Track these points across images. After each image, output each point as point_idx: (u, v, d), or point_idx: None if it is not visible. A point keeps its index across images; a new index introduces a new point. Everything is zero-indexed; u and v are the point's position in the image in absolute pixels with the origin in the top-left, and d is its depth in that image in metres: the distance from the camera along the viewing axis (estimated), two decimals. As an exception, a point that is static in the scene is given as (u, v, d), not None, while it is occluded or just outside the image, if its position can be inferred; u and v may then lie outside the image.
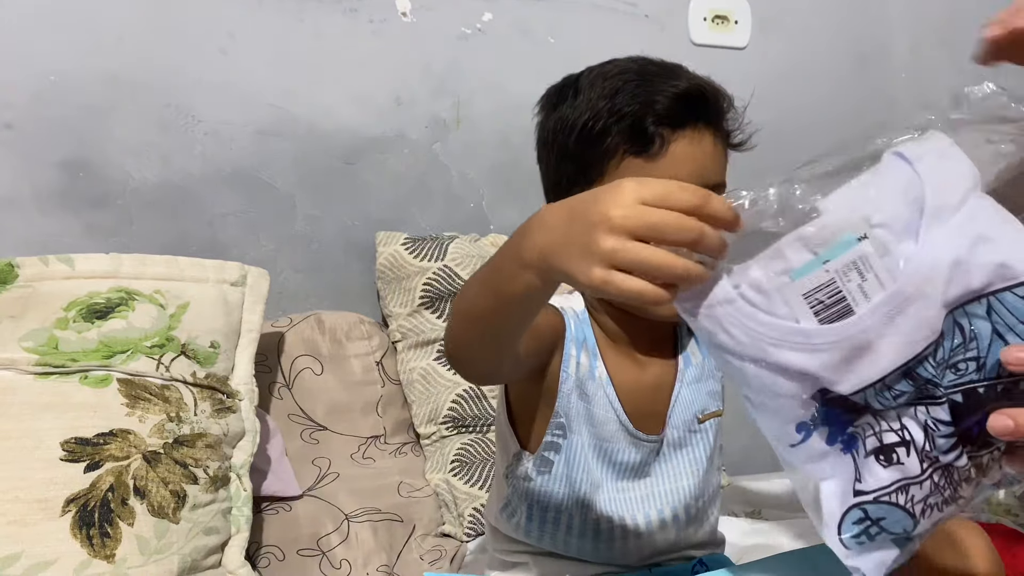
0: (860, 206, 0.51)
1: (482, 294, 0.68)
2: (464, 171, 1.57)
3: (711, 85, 0.83)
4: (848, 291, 0.51)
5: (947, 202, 0.51)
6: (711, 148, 0.82)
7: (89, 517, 0.96)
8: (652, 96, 0.79)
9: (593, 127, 0.81)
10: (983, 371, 0.51)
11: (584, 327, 0.90)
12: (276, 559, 1.19)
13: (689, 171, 0.79)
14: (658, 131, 0.79)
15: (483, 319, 0.69)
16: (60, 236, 1.33)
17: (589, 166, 0.83)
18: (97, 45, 1.33)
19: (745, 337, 0.52)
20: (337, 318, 1.44)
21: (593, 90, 0.83)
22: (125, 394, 1.06)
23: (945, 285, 0.51)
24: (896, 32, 1.86)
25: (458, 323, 0.74)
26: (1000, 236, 0.51)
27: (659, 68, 0.83)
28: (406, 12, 1.49)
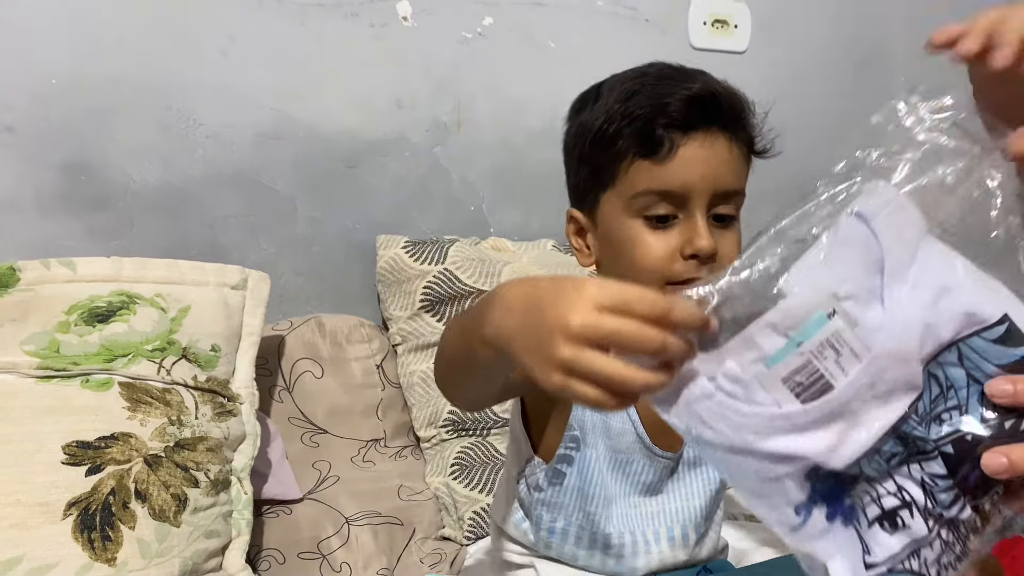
0: (824, 281, 0.51)
1: (458, 346, 0.68)
2: (464, 174, 1.57)
3: (727, 89, 0.82)
4: (825, 369, 0.51)
5: (902, 258, 0.51)
6: (725, 153, 0.80)
7: (90, 520, 0.96)
8: (664, 99, 0.79)
9: (606, 130, 0.81)
10: (967, 414, 0.51)
11: None
12: (276, 562, 1.19)
13: (700, 175, 0.79)
14: (667, 134, 0.78)
15: (461, 367, 0.70)
16: (61, 239, 1.33)
17: (602, 169, 0.83)
18: (98, 48, 1.33)
19: (729, 430, 0.51)
20: (337, 321, 1.44)
21: (611, 95, 0.83)
22: (126, 397, 1.06)
23: (919, 343, 0.51)
24: (895, 36, 1.86)
25: (440, 362, 0.76)
26: (957, 283, 0.51)
27: (676, 72, 0.82)
28: (407, 16, 1.49)
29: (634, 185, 0.80)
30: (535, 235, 1.60)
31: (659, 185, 0.79)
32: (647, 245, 0.81)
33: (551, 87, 1.60)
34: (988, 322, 0.51)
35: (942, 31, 0.60)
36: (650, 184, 0.79)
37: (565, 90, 1.59)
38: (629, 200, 0.81)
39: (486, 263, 1.46)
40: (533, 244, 1.56)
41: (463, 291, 1.42)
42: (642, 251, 0.81)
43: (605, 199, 0.84)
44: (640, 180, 0.80)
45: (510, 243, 1.55)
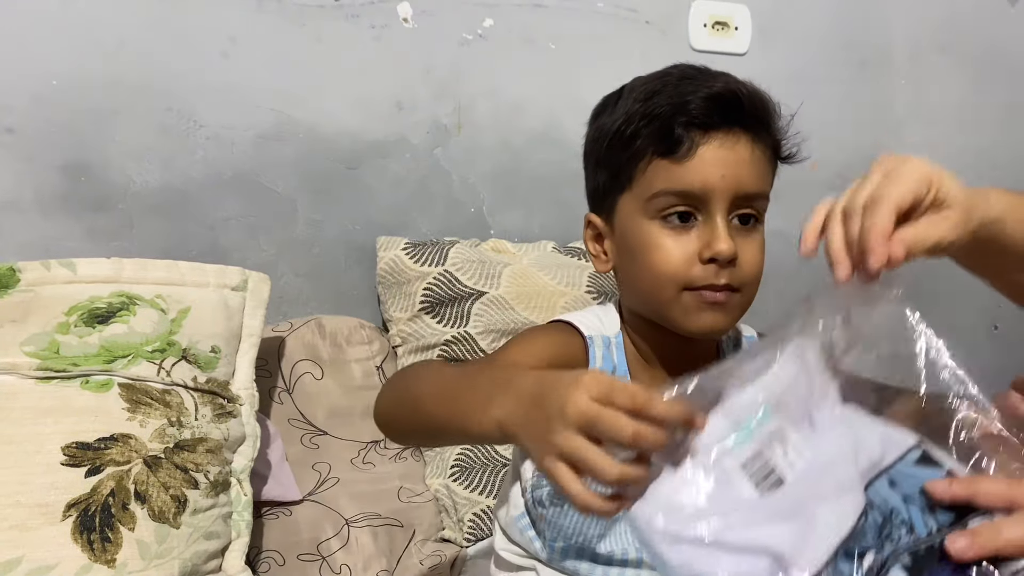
0: (769, 387, 0.57)
1: (440, 404, 0.69)
2: (465, 176, 1.57)
3: (750, 89, 0.81)
4: (776, 462, 0.55)
5: (828, 391, 0.58)
6: (747, 155, 0.79)
7: (90, 522, 0.96)
8: (684, 97, 0.77)
9: (625, 131, 0.80)
10: (915, 531, 0.54)
11: (615, 354, 0.88)
12: (276, 564, 1.19)
13: (720, 175, 0.77)
14: (687, 132, 0.77)
15: (437, 425, 0.70)
16: (61, 240, 1.33)
17: (620, 171, 0.81)
18: (98, 49, 1.33)
19: (691, 521, 0.53)
20: (338, 322, 1.44)
21: (631, 96, 0.81)
22: (126, 399, 1.06)
23: (852, 456, 0.56)
24: (896, 38, 1.86)
25: (404, 407, 0.75)
26: (868, 425, 0.58)
27: (699, 72, 0.81)
28: (407, 18, 1.50)
29: (652, 185, 0.79)
30: (535, 237, 1.60)
31: (677, 185, 0.78)
32: (664, 249, 0.79)
33: (552, 89, 1.61)
34: (904, 448, 0.57)
35: (805, 240, 0.69)
36: (668, 184, 0.78)
37: (566, 92, 1.61)
38: (647, 201, 0.80)
39: (486, 265, 1.46)
40: (533, 246, 1.56)
41: (463, 293, 1.42)
42: (659, 255, 0.79)
43: (623, 201, 0.83)
44: (658, 180, 0.78)
45: (510, 245, 1.55)
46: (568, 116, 1.62)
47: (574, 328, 0.87)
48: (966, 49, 1.91)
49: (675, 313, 0.81)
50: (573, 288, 1.47)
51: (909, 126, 1.90)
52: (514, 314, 1.41)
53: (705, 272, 0.79)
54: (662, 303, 0.82)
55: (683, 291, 0.80)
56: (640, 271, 0.82)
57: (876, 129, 1.88)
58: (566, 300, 1.44)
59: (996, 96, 1.95)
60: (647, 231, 0.80)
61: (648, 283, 0.82)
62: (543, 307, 1.42)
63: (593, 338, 0.87)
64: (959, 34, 1.90)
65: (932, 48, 1.89)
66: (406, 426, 0.76)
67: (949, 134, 1.93)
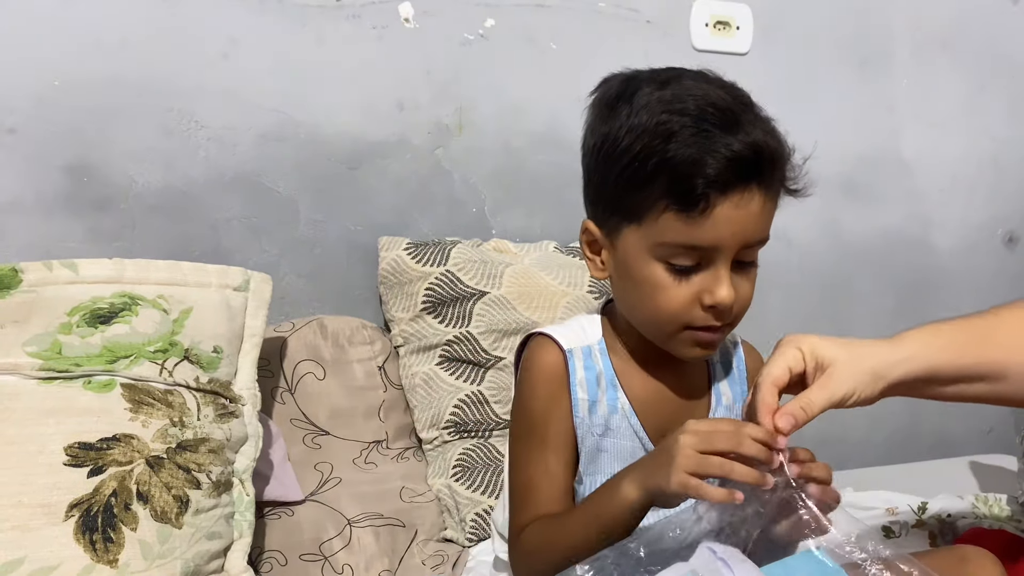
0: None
1: (587, 527, 0.79)
2: (466, 176, 1.57)
3: (771, 143, 0.79)
4: None
5: None
6: (758, 209, 0.79)
7: (92, 522, 0.96)
8: (705, 153, 0.75)
9: (640, 168, 0.78)
10: None
11: (599, 360, 0.90)
12: (278, 564, 1.19)
13: (731, 233, 0.78)
14: (705, 193, 0.76)
15: (585, 547, 0.77)
16: (63, 240, 1.33)
17: (630, 204, 0.81)
18: (100, 49, 1.33)
19: None
20: (339, 323, 1.44)
21: (648, 116, 0.78)
22: (128, 399, 1.06)
23: None
24: (897, 37, 1.86)
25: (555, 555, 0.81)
26: None
27: (720, 114, 0.77)
28: (408, 18, 1.50)
29: (663, 234, 0.79)
30: (537, 237, 1.60)
31: (689, 240, 0.78)
32: (668, 291, 0.81)
33: (553, 89, 1.61)
34: None
35: None
36: (679, 238, 0.78)
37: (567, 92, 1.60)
38: (655, 245, 0.80)
39: (488, 265, 1.46)
40: (535, 246, 1.56)
41: (465, 293, 1.42)
42: (662, 296, 0.81)
43: (628, 232, 0.82)
44: (670, 232, 0.79)
45: (512, 245, 1.55)
46: (569, 116, 1.60)
47: (553, 341, 0.91)
48: (968, 48, 1.91)
49: (670, 344, 0.86)
50: (575, 288, 1.47)
51: (911, 125, 1.90)
52: (516, 314, 1.41)
53: (705, 316, 0.82)
54: (659, 336, 0.86)
55: (683, 329, 0.83)
56: (640, 303, 0.85)
57: (878, 128, 1.88)
58: (568, 300, 1.44)
59: (999, 95, 1.95)
60: (652, 271, 0.82)
61: (648, 316, 0.85)
62: (545, 307, 1.42)
63: (572, 351, 0.90)
64: (961, 33, 1.90)
65: (934, 47, 1.88)
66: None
67: (951, 133, 1.93)
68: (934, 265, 1.98)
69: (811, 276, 1.84)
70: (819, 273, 1.85)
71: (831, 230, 1.86)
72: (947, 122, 1.92)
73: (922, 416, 2.04)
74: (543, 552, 0.83)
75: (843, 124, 1.82)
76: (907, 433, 2.02)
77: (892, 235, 1.92)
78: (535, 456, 0.89)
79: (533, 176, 1.61)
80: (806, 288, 1.85)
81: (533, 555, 0.85)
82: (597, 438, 0.89)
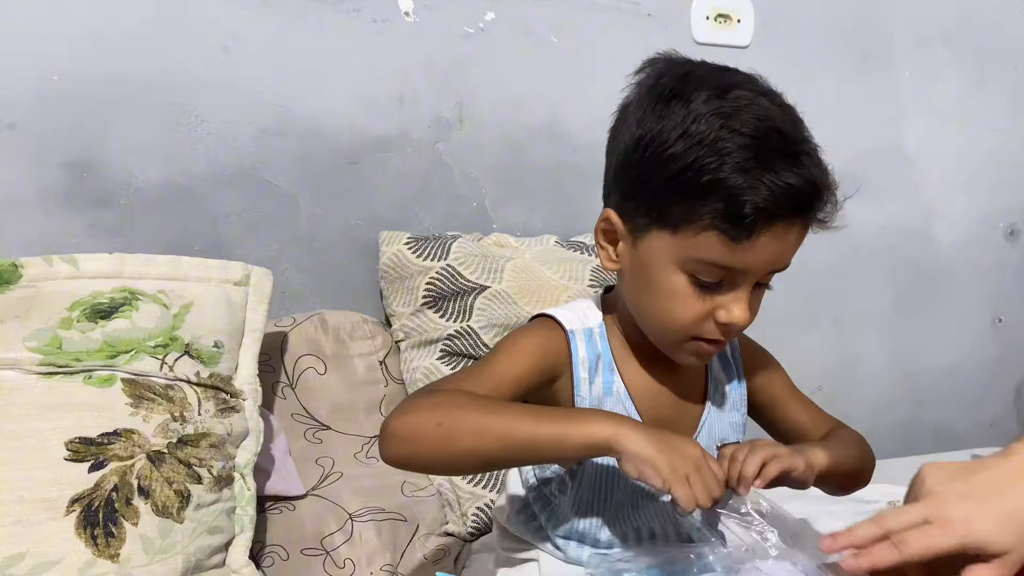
0: None
1: (521, 423, 0.76)
2: (467, 170, 1.57)
3: (825, 179, 0.78)
4: None
5: None
6: (794, 240, 0.79)
7: (93, 517, 0.96)
8: (761, 182, 0.74)
9: (690, 180, 0.75)
10: None
11: (599, 343, 0.89)
12: (280, 558, 1.19)
13: (765, 261, 0.78)
14: (755, 222, 0.75)
15: (505, 441, 0.75)
16: (64, 236, 1.33)
17: (668, 211, 0.78)
18: (100, 45, 1.33)
19: None
20: (340, 317, 1.44)
21: (706, 127, 0.75)
22: (129, 394, 1.06)
23: None
24: (899, 31, 1.85)
25: (447, 424, 0.76)
26: None
27: (781, 140, 0.76)
28: (409, 12, 1.49)
29: (699, 251, 0.77)
30: (538, 231, 1.60)
31: (725, 262, 0.77)
32: (686, 303, 0.80)
33: (554, 82, 1.61)
34: None
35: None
36: (717, 258, 0.77)
37: (568, 85, 1.61)
38: (687, 259, 0.79)
39: (489, 259, 1.45)
40: (536, 240, 1.56)
41: (466, 287, 1.42)
42: (679, 307, 0.81)
43: (658, 236, 0.80)
44: (707, 250, 0.77)
45: (513, 239, 1.54)
46: (570, 110, 1.61)
47: (556, 322, 0.89)
48: (970, 40, 1.91)
49: (672, 349, 0.86)
50: (576, 282, 1.47)
51: (912, 118, 1.89)
52: (517, 308, 1.41)
53: (714, 330, 0.81)
54: (662, 340, 0.86)
55: (689, 340, 0.83)
56: (652, 306, 0.83)
57: (879, 122, 1.87)
58: (569, 294, 1.44)
59: (1000, 88, 1.95)
60: (675, 280, 0.80)
61: (657, 320, 0.84)
62: (546, 301, 1.42)
63: (575, 331, 0.88)
64: (962, 25, 1.90)
65: (935, 40, 1.88)
66: (456, 445, 0.76)
67: (953, 126, 1.93)
68: (935, 258, 1.98)
69: (812, 269, 1.83)
70: (820, 266, 1.85)
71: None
72: (949, 115, 1.92)
73: (925, 409, 2.04)
74: (447, 417, 0.76)
75: (844, 117, 1.81)
76: (910, 426, 2.02)
77: (893, 228, 1.92)
78: (500, 363, 0.85)
79: (534, 170, 1.61)
80: (807, 281, 1.84)
81: (429, 413, 0.77)
82: None
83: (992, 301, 2.05)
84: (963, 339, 2.04)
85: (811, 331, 1.90)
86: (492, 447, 0.75)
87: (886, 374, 1.99)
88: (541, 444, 0.75)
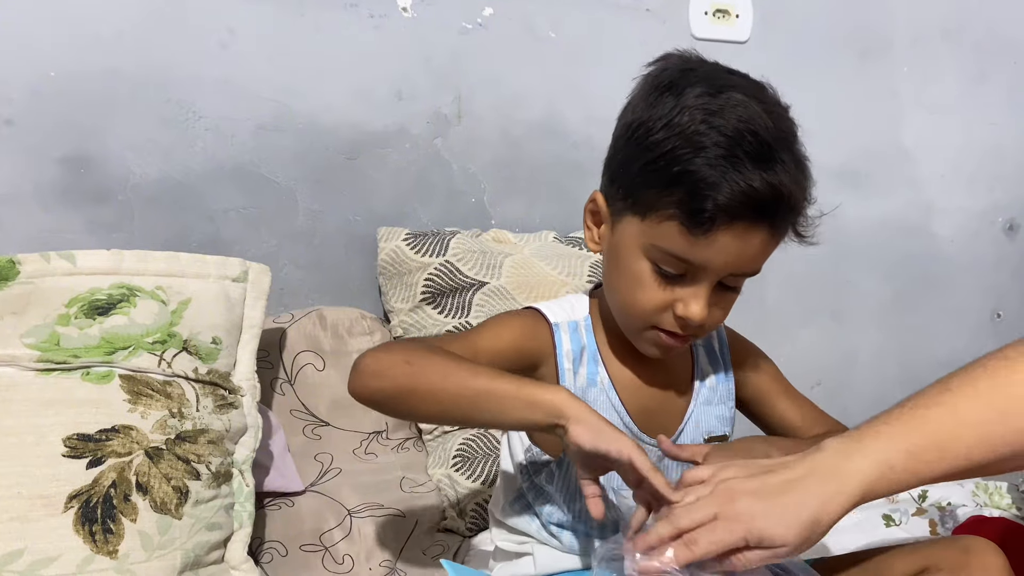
0: None
1: (476, 377, 0.77)
2: (466, 166, 1.57)
3: (793, 189, 0.78)
4: None
5: None
6: (759, 245, 0.79)
7: (92, 513, 0.96)
8: (725, 179, 0.74)
9: (663, 169, 0.77)
10: None
11: (584, 335, 0.91)
12: (279, 554, 1.19)
13: (724, 261, 0.79)
14: (712, 217, 0.75)
15: (464, 390, 0.78)
16: (61, 232, 1.33)
17: (640, 197, 0.80)
18: (97, 40, 1.33)
19: None
20: (339, 313, 1.44)
21: (688, 120, 0.77)
22: (127, 390, 1.06)
23: None
24: (898, 26, 1.85)
25: (412, 370, 0.78)
26: None
27: (756, 144, 0.76)
28: (406, 7, 1.49)
29: (660, 239, 0.79)
30: (536, 227, 1.60)
31: (683, 254, 0.78)
32: (647, 290, 0.82)
33: (552, 78, 1.61)
34: None
35: None
36: (676, 249, 0.79)
37: (566, 81, 1.60)
38: (650, 245, 0.80)
39: (487, 255, 1.45)
40: (535, 236, 1.56)
41: (464, 283, 1.42)
42: (640, 293, 0.82)
43: (630, 221, 0.82)
44: (667, 239, 0.79)
45: (511, 235, 1.54)
46: (569, 105, 1.61)
47: (541, 314, 0.91)
48: (968, 35, 1.90)
49: (634, 336, 0.88)
50: (574, 278, 1.46)
51: (911, 113, 1.89)
52: (515, 304, 1.41)
53: (672, 323, 0.83)
54: (626, 325, 0.88)
55: (649, 328, 0.85)
56: (620, 290, 0.86)
57: (878, 117, 1.87)
58: (567, 290, 1.44)
59: (999, 82, 1.94)
60: (639, 267, 0.82)
61: (621, 305, 0.86)
62: (544, 297, 1.42)
63: (559, 324, 0.90)
64: (961, 20, 1.89)
65: (934, 35, 1.88)
66: (419, 383, 0.78)
67: (952, 121, 1.92)
68: (934, 253, 1.97)
69: (811, 264, 1.83)
70: (818, 261, 1.85)
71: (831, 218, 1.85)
72: (948, 110, 1.91)
73: (922, 405, 2.04)
74: (416, 357, 0.79)
75: (843, 112, 1.81)
76: (907, 422, 2.02)
77: (892, 223, 1.92)
78: (482, 336, 0.88)
79: (533, 165, 1.61)
80: (805, 276, 1.84)
81: (400, 352, 0.81)
82: None
83: (991, 296, 2.05)
84: (962, 334, 2.04)
85: (809, 326, 1.90)
86: (452, 391, 0.77)
87: (885, 369, 1.99)
88: (498, 394, 0.76)
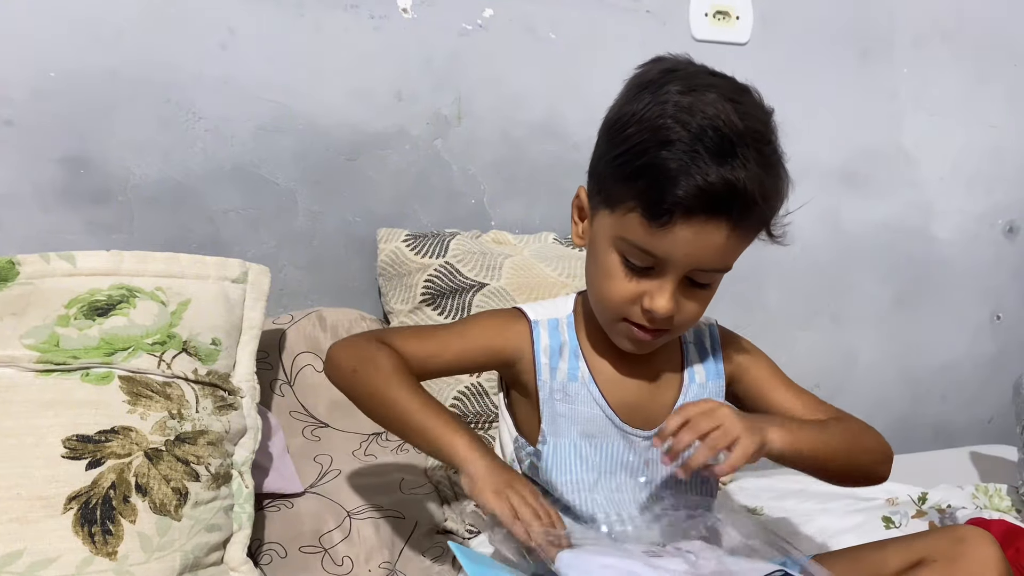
0: None
1: (413, 406, 0.89)
2: (465, 167, 1.57)
3: (751, 186, 0.77)
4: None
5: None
6: (721, 240, 0.79)
7: (91, 514, 0.96)
8: (682, 173, 0.76)
9: (629, 162, 0.79)
10: None
11: (565, 332, 0.94)
12: (278, 556, 1.19)
13: (684, 254, 0.80)
14: (669, 209, 0.77)
15: (399, 413, 0.90)
16: (61, 233, 1.33)
17: (609, 190, 0.83)
18: (97, 41, 1.33)
19: None
20: (338, 315, 1.44)
21: (658, 115, 0.78)
22: (127, 391, 1.06)
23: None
24: (898, 27, 1.85)
25: (366, 382, 0.92)
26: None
27: (718, 140, 0.76)
28: (407, 8, 1.49)
29: (625, 231, 0.81)
30: (536, 228, 1.60)
31: (645, 245, 0.80)
32: (616, 282, 0.84)
33: (552, 79, 1.61)
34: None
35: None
36: (638, 240, 0.81)
37: (566, 82, 1.60)
38: (617, 237, 0.83)
39: (487, 256, 1.45)
40: (534, 237, 1.56)
41: (464, 284, 1.42)
42: (610, 285, 0.84)
43: (602, 214, 0.85)
44: (631, 231, 0.81)
45: (511, 236, 1.54)
46: (569, 106, 1.61)
47: (522, 313, 0.95)
48: (969, 37, 1.90)
49: (608, 328, 0.90)
50: (574, 279, 1.46)
51: (911, 115, 1.89)
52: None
53: (640, 316, 0.84)
54: (601, 318, 0.90)
55: (620, 320, 0.87)
56: (594, 283, 0.88)
57: (878, 118, 1.87)
58: (567, 291, 1.43)
59: (999, 84, 1.95)
60: (609, 259, 0.84)
61: (596, 297, 0.89)
62: (544, 298, 1.41)
63: (539, 321, 0.94)
64: (961, 22, 1.89)
65: (934, 36, 1.88)
66: (358, 393, 0.93)
67: (952, 123, 1.92)
68: (934, 255, 1.97)
69: (810, 266, 1.83)
70: (819, 263, 1.85)
71: (831, 220, 1.85)
72: (948, 112, 1.92)
73: (923, 406, 2.05)
74: (363, 370, 0.91)
75: (843, 114, 1.81)
76: (907, 423, 2.02)
77: (892, 225, 1.92)
78: (451, 333, 0.97)
79: (532, 167, 1.61)
80: (805, 278, 1.84)
81: (355, 358, 0.93)
82: (556, 402, 0.91)
83: (990, 298, 2.05)
84: (961, 336, 2.04)
85: (809, 328, 1.90)
86: (381, 412, 0.91)
87: (884, 371, 1.99)
88: (414, 427, 0.88)
